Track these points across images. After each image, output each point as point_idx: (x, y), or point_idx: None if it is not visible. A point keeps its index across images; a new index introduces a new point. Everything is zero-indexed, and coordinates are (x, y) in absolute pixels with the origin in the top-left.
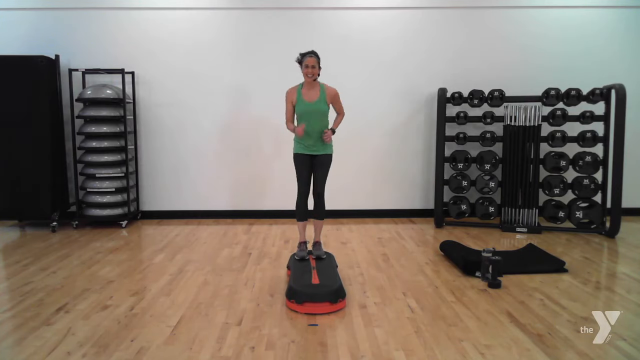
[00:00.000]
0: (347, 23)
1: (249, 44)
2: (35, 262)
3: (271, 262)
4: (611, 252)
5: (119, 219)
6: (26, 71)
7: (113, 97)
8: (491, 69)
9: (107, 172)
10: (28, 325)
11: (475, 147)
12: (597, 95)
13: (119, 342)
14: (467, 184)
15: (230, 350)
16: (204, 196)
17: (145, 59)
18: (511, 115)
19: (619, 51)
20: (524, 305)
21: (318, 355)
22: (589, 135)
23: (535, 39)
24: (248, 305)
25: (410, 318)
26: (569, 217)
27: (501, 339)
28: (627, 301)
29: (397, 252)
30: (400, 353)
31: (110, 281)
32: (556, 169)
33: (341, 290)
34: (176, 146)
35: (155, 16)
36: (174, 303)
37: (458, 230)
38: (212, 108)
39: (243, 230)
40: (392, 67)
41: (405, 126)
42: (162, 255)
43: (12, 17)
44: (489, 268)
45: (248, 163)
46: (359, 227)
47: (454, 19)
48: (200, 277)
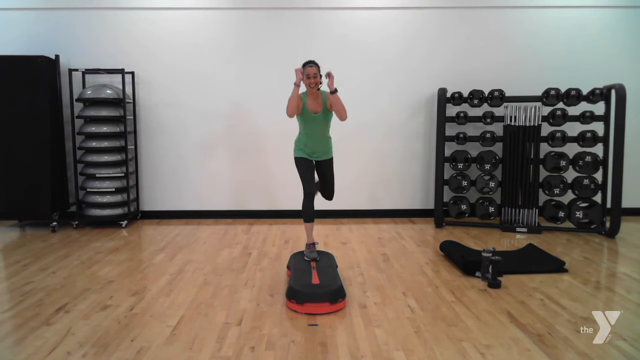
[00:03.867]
0: (347, 23)
1: (249, 44)
2: (35, 262)
3: (271, 262)
4: (611, 252)
5: (119, 219)
6: (26, 71)
7: (113, 97)
8: (491, 69)
9: (107, 172)
10: (28, 325)
11: (475, 147)
12: (597, 95)
13: (119, 342)
14: (467, 184)
15: (230, 350)
16: (204, 196)
17: (145, 59)
18: (511, 115)
19: (619, 51)
20: (524, 305)
21: (318, 355)
22: (589, 135)
23: (535, 39)
24: (248, 305)
25: (410, 318)
26: (569, 217)
27: (501, 339)
28: (627, 301)
29: (397, 252)
30: (400, 353)
31: (110, 281)
32: (556, 169)
33: (341, 290)
34: (176, 146)
35: (155, 16)
36: (174, 303)
37: (458, 230)
38: (212, 108)
39: (243, 230)
40: (392, 67)
41: (405, 126)
42: (162, 255)
43: (12, 17)
44: (489, 268)
45: (248, 163)
46: (359, 227)
47: (454, 19)
48: (200, 277)
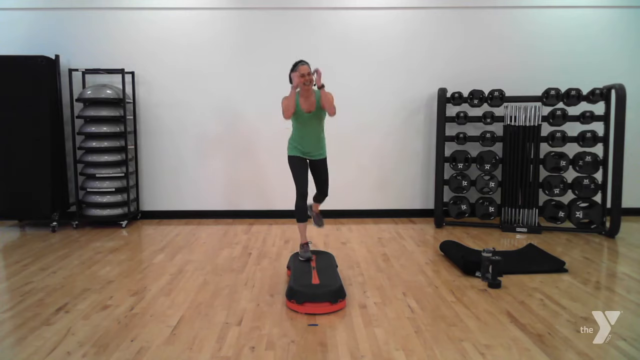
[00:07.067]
0: (347, 23)
1: (249, 44)
2: (35, 262)
3: (271, 262)
4: (611, 252)
5: (119, 219)
6: (26, 71)
7: (113, 97)
8: (491, 69)
9: (107, 172)
10: (28, 325)
11: (475, 147)
12: (597, 95)
13: (119, 342)
14: (467, 184)
15: (230, 350)
16: (204, 196)
17: (145, 59)
18: (511, 115)
19: (619, 51)
20: (524, 305)
21: (318, 355)
22: (589, 135)
23: (535, 39)
24: (248, 305)
25: (410, 318)
26: (569, 217)
27: (501, 339)
28: (627, 301)
29: (397, 252)
30: (400, 353)
31: (110, 281)
32: (556, 169)
33: (341, 290)
34: (176, 146)
35: (155, 16)
36: (174, 303)
37: (458, 230)
38: (212, 108)
39: (243, 230)
40: (392, 67)
41: (405, 126)
42: (162, 255)
43: (12, 17)
44: (489, 268)
45: (248, 163)
46: (359, 227)
47: (454, 19)
48: (200, 277)
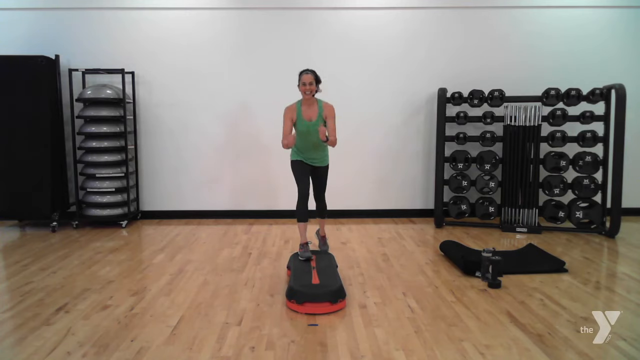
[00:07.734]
0: (347, 23)
1: (249, 44)
2: (35, 262)
3: (271, 262)
4: (611, 252)
5: (119, 219)
6: (26, 71)
7: (113, 97)
8: (491, 69)
9: (107, 172)
10: (28, 325)
11: (475, 147)
12: (597, 95)
13: (119, 342)
14: (467, 184)
15: (230, 350)
16: (204, 196)
17: (145, 59)
18: (511, 115)
19: (619, 51)
20: (524, 305)
21: (318, 355)
22: (589, 135)
23: (535, 39)
24: (248, 305)
25: (410, 318)
26: (569, 217)
27: (501, 339)
28: (627, 301)
29: (397, 252)
30: (400, 353)
31: (110, 281)
32: (556, 169)
33: (341, 290)
34: (176, 146)
35: (155, 16)
36: (174, 303)
37: (458, 230)
38: (212, 108)
39: (243, 230)
40: (392, 67)
41: (405, 126)
42: (162, 255)
43: (12, 17)
44: (489, 268)
45: (248, 163)
46: (359, 227)
47: (454, 19)
48: (200, 277)
